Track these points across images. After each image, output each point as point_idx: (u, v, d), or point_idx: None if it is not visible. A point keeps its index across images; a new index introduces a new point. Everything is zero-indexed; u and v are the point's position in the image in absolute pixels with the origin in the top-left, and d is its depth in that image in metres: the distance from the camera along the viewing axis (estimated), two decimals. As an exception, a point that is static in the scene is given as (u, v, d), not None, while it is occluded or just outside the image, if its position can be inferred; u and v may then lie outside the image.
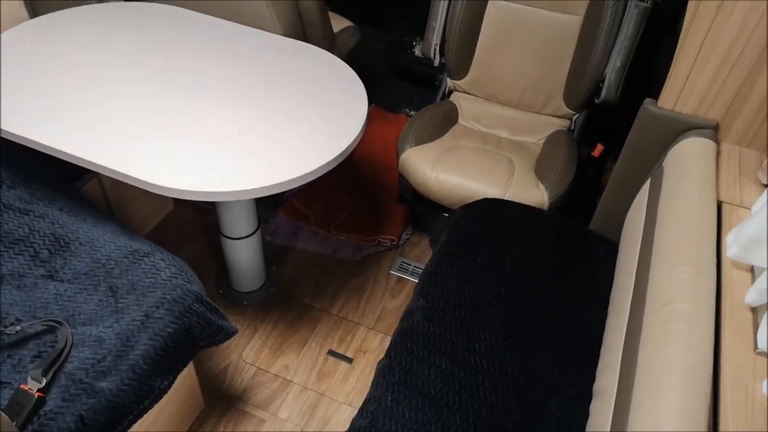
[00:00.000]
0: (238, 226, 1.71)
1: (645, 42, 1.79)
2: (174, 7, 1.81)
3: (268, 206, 2.13)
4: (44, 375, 1.08)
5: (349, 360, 1.79)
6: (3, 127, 1.35)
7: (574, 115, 1.96)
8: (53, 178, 1.52)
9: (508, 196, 1.70)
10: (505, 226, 1.56)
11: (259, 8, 1.73)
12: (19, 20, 1.78)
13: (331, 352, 1.80)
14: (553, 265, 1.46)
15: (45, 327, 1.17)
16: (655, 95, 1.39)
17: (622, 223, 1.44)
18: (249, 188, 1.28)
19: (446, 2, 1.91)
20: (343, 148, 1.40)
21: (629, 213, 1.39)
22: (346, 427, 1.61)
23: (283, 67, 1.62)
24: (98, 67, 1.55)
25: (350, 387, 1.73)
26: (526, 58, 1.91)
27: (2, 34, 1.63)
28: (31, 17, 1.81)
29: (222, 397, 1.67)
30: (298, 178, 1.32)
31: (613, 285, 1.33)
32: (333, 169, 1.39)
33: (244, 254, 1.80)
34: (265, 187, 1.29)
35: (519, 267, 1.44)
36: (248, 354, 1.78)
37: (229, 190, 1.27)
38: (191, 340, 1.28)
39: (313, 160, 1.35)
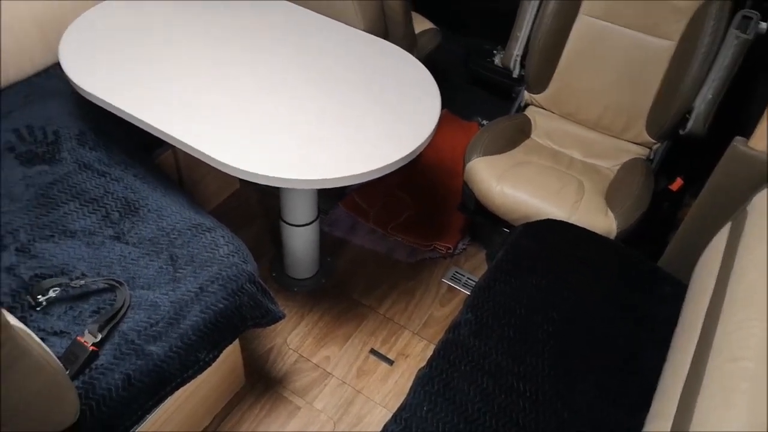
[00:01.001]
0: (299, 213, 1.73)
1: (739, 76, 1.69)
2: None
3: (330, 197, 2.15)
4: (100, 331, 1.12)
5: (390, 362, 1.78)
6: (91, 92, 1.42)
7: (655, 144, 1.87)
8: (132, 145, 1.59)
9: (573, 220, 1.64)
10: (566, 250, 1.51)
11: (344, 3, 1.75)
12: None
13: (373, 351, 1.80)
14: (613, 297, 1.40)
15: (106, 285, 1.22)
16: (746, 134, 1.30)
17: (694, 265, 1.37)
18: (313, 178, 1.30)
19: (533, 14, 1.87)
20: (410, 150, 1.39)
21: (703, 255, 1.31)
22: (378, 429, 1.61)
23: (362, 63, 1.62)
24: (184, 44, 1.61)
25: (388, 389, 1.72)
26: (610, 79, 1.84)
27: (102, 3, 1.72)
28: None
29: (262, 378, 1.70)
30: (362, 174, 1.33)
31: (676, 328, 1.26)
32: (397, 169, 1.39)
33: (301, 241, 1.82)
34: (328, 179, 1.30)
35: (576, 294, 1.38)
36: (292, 340, 1.81)
37: (293, 177, 1.29)
38: (240, 318, 1.31)
39: (379, 158, 1.35)
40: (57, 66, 1.49)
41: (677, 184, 1.85)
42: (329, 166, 1.32)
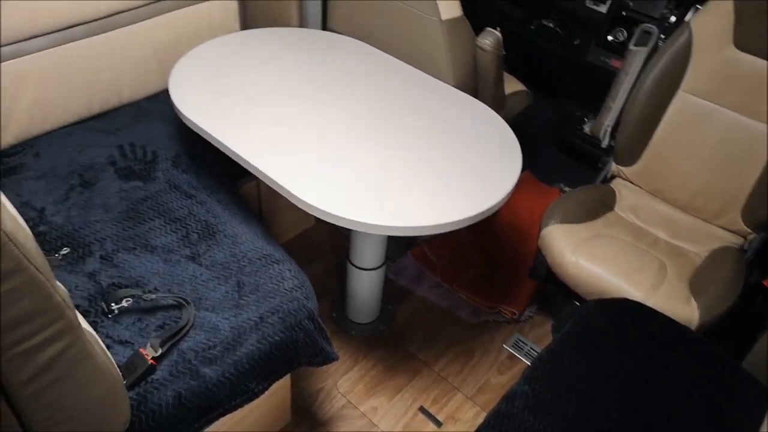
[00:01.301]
0: (367, 256, 1.74)
1: None
2: (359, 42, 1.94)
3: (399, 245, 2.16)
4: (161, 346, 1.16)
5: (439, 423, 1.72)
6: (191, 118, 1.51)
7: (751, 234, 1.75)
8: (220, 172, 1.68)
9: (651, 303, 1.54)
10: (640, 334, 1.41)
11: (437, 55, 1.79)
12: (230, 31, 2.01)
13: (422, 409, 1.75)
14: (686, 392, 1.29)
15: (175, 302, 1.27)
16: None
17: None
18: (384, 224, 1.31)
19: (630, 85, 1.83)
20: (485, 208, 1.37)
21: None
22: (417, 492, 1.55)
23: (447, 117, 1.64)
24: (282, 84, 1.69)
25: (432, 451, 1.66)
26: (706, 160, 1.75)
27: (214, 40, 1.85)
28: (241, 29, 2.04)
29: (308, 418, 1.69)
30: (434, 226, 1.32)
31: (757, 437, 1.14)
32: (471, 225, 1.37)
33: (366, 285, 1.83)
34: (399, 227, 1.31)
35: (646, 382, 1.29)
36: (343, 384, 1.79)
37: (365, 221, 1.30)
38: (294, 354, 1.31)
39: (452, 212, 1.35)
40: (166, 92, 1.61)
41: (772, 279, 1.71)
42: (402, 215, 1.33)
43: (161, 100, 1.90)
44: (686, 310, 1.54)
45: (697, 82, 1.72)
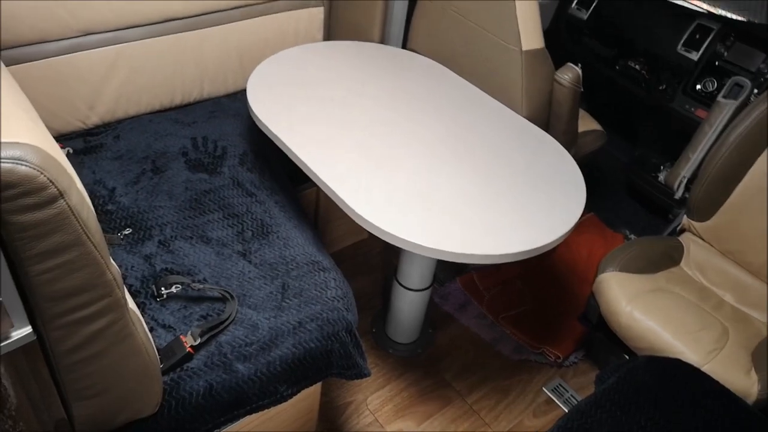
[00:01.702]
0: (414, 277, 1.73)
1: None
2: (437, 63, 1.94)
3: (449, 270, 2.13)
4: (201, 336, 1.19)
5: (464, 456, 1.68)
6: (262, 120, 1.56)
7: (829, 311, 1.62)
8: (282, 175, 1.72)
9: (706, 369, 1.45)
10: (689, 399, 1.33)
11: (513, 85, 1.77)
12: (314, 40, 2.07)
13: (449, 439, 1.71)
14: (734, 471, 1.20)
15: (220, 295, 1.30)
16: None
17: None
18: (434, 247, 1.29)
19: (713, 138, 1.74)
20: (540, 244, 1.34)
21: None
22: None
23: (514, 149, 1.61)
24: (355, 98, 1.72)
25: (453, 485, 1.61)
26: (788, 227, 1.64)
27: (297, 47, 1.91)
28: (324, 39, 2.09)
29: (333, 430, 1.68)
30: (484, 256, 1.30)
31: None
32: (525, 260, 1.34)
33: (409, 306, 1.81)
34: (448, 252, 1.29)
35: (690, 453, 1.21)
36: (373, 401, 1.77)
37: (416, 242, 1.29)
38: (327, 363, 1.31)
39: (506, 244, 1.32)
40: (244, 92, 1.66)
41: None
42: (453, 240, 1.31)
43: (239, 99, 1.97)
44: (745, 382, 1.44)
45: (787, 142, 1.62)
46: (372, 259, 2.22)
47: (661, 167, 2.38)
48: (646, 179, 2.39)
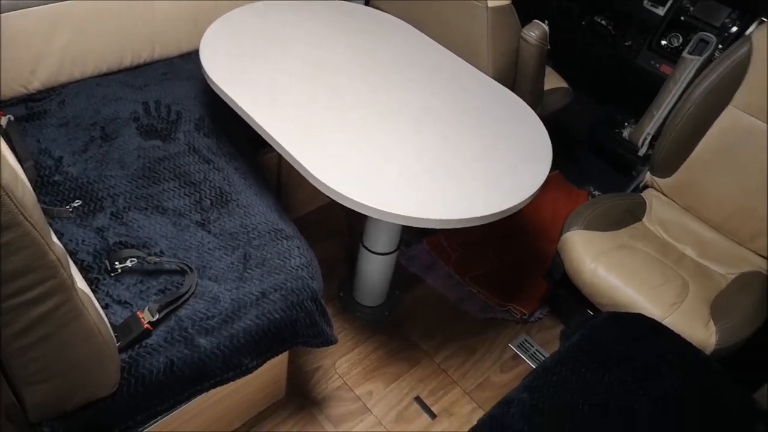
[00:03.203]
0: (380, 241, 1.71)
1: None
2: (401, 21, 1.87)
3: (415, 232, 2.12)
4: (159, 311, 1.15)
5: (433, 415, 1.70)
6: (217, 82, 1.49)
7: (784, 262, 1.66)
8: (242, 140, 1.65)
9: (667, 322, 1.48)
10: (651, 354, 1.36)
11: (479, 43, 1.72)
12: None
13: (417, 399, 1.73)
14: (693, 421, 1.24)
15: (179, 268, 1.26)
16: None
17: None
18: (402, 214, 1.27)
19: (677, 95, 1.73)
20: (506, 207, 1.32)
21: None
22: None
23: (479, 109, 1.58)
24: (312, 58, 1.64)
25: (423, 443, 1.64)
26: (747, 182, 1.66)
27: (254, 4, 1.81)
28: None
29: (302, 396, 1.68)
30: (451, 221, 1.28)
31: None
32: (491, 221, 1.33)
33: (376, 270, 1.80)
34: (419, 218, 1.27)
35: (651, 406, 1.24)
36: (341, 365, 1.77)
37: (380, 208, 1.26)
38: (292, 333, 1.30)
39: (473, 208, 1.30)
40: (197, 52, 1.58)
41: (800, 313, 1.62)
42: (421, 206, 1.28)
43: (193, 60, 1.88)
44: (703, 333, 1.48)
45: (750, 99, 1.62)
46: (336, 224, 2.19)
47: (626, 124, 2.38)
48: (611, 136, 2.39)
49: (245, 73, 1.54)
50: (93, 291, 1.17)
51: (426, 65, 1.71)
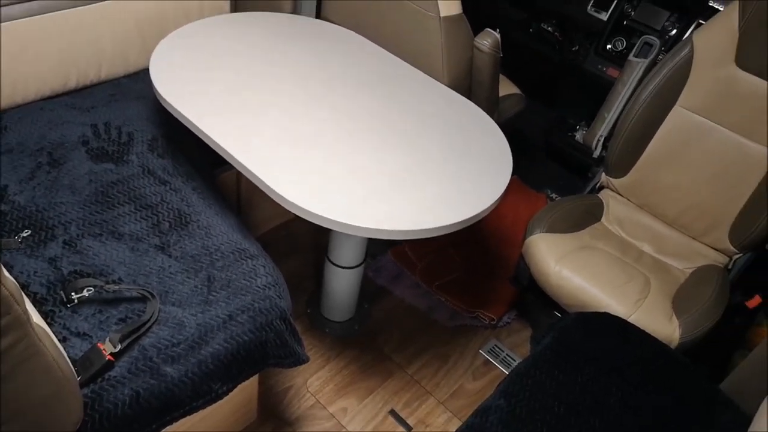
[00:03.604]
0: (346, 256, 1.69)
1: None
2: (353, 33, 1.87)
3: (380, 243, 2.11)
4: (121, 341, 1.10)
5: (409, 428, 1.68)
6: (170, 101, 1.44)
7: (736, 254, 1.72)
8: (198, 159, 1.61)
9: (632, 319, 1.52)
10: (620, 352, 1.38)
11: (433, 53, 1.73)
12: (220, 12, 1.94)
13: (393, 413, 1.71)
14: (663, 414, 1.26)
15: (139, 295, 1.21)
16: None
17: (763, 394, 1.21)
18: (366, 227, 1.25)
19: (626, 97, 1.79)
20: (471, 215, 1.33)
21: (776, 391, 1.16)
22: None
23: (438, 117, 1.59)
24: (267, 73, 1.62)
25: (400, 457, 1.62)
26: (697, 178, 1.72)
27: (202, 20, 1.78)
28: (232, 11, 1.96)
29: (275, 417, 1.64)
30: (417, 231, 1.27)
31: (731, 468, 1.11)
32: (454, 229, 1.33)
33: (343, 284, 1.77)
34: (381, 230, 1.25)
35: (622, 404, 1.26)
36: (313, 383, 1.74)
37: (345, 222, 1.25)
38: (262, 355, 1.26)
39: (438, 218, 1.30)
40: (146, 71, 1.53)
41: (755, 301, 1.69)
42: (384, 218, 1.27)
43: (141, 79, 1.82)
44: (667, 328, 1.52)
45: (695, 98, 1.68)
46: (301, 239, 2.15)
47: (577, 127, 2.44)
48: (565, 140, 2.45)
49: (198, 89, 1.50)
50: (49, 324, 1.11)
51: (382, 76, 1.71)
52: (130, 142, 1.55)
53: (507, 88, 2.17)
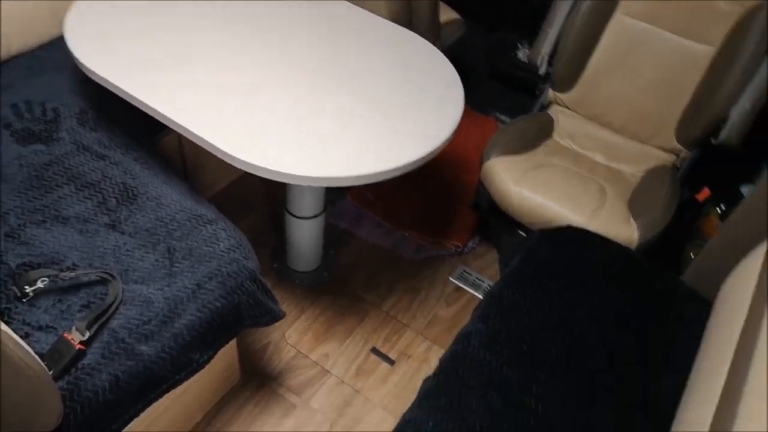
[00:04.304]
0: (305, 206, 1.66)
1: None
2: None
3: (337, 187, 2.08)
4: (88, 328, 1.06)
5: (391, 361, 1.72)
6: (94, 69, 1.34)
7: (683, 151, 1.78)
8: (134, 127, 1.52)
9: (593, 227, 1.56)
10: (585, 261, 1.43)
11: (367, -15, 1.66)
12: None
13: (374, 350, 1.74)
14: (633, 315, 1.32)
15: (98, 278, 1.16)
16: None
17: (721, 282, 1.29)
18: (325, 176, 1.22)
19: (566, 10, 1.76)
20: (430, 150, 1.31)
21: (734, 274, 1.23)
22: (377, 431, 1.56)
23: (382, 53, 1.53)
24: (196, 26, 1.52)
25: (387, 390, 1.66)
26: (642, 83, 1.74)
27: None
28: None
29: (258, 374, 1.64)
30: (375, 174, 1.25)
31: (698, 353, 1.19)
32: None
33: (306, 234, 1.75)
34: (339, 177, 1.22)
35: (594, 310, 1.31)
36: (291, 335, 1.74)
37: (304, 174, 1.21)
38: (237, 318, 1.24)
39: (395, 157, 1.27)
40: (62, 39, 1.41)
41: (704, 194, 1.77)
42: (342, 164, 1.24)
43: (57, 47, 1.67)
44: (627, 231, 1.57)
45: (634, 4, 1.68)
46: (255, 194, 2.10)
47: (519, 46, 2.42)
48: (507, 60, 2.42)
49: (120, 52, 1.39)
50: (7, 323, 1.06)
51: (319, 15, 1.62)
52: (57, 119, 1.45)
53: (446, 14, 2.11)
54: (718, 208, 1.82)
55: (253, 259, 1.30)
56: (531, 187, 1.63)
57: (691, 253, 1.81)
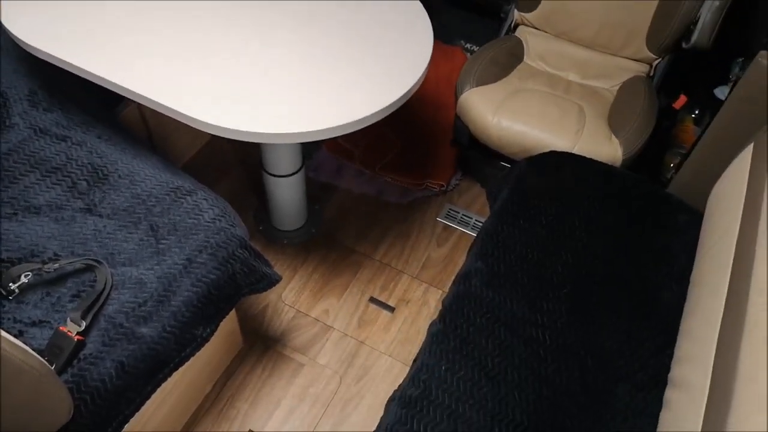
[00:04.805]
0: (283, 164, 1.61)
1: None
2: None
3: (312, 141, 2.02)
4: (83, 317, 1.02)
5: (391, 309, 1.73)
6: (35, 45, 1.24)
7: (656, 59, 1.76)
8: (91, 102, 1.43)
9: (577, 149, 1.55)
10: (573, 185, 1.42)
11: None
12: None
13: (372, 300, 1.74)
14: (626, 231, 1.33)
15: (84, 265, 1.11)
16: (752, 48, 1.20)
17: (709, 190, 1.29)
18: (297, 131, 1.17)
19: None
20: (402, 93, 1.26)
21: (722, 180, 1.23)
22: (386, 378, 1.58)
23: (341, -9, 1.45)
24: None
25: (391, 337, 1.67)
26: (608, -7, 1.70)
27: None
28: None
29: (261, 338, 1.64)
30: (349, 124, 1.20)
31: (695, 262, 1.20)
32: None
33: (287, 192, 1.71)
34: (314, 131, 1.18)
35: (588, 232, 1.31)
36: (288, 296, 1.73)
37: (275, 132, 1.16)
38: (234, 287, 1.22)
39: (367, 104, 1.22)
40: (-6, 16, 1.30)
41: (681, 101, 1.76)
42: (312, 118, 1.19)
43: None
44: (610, 149, 1.56)
45: None
46: (229, 156, 2.03)
47: (477, -33, 2.32)
48: (467, -17, 2.33)
49: (63, 26, 1.29)
50: (-4, 325, 1.01)
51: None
52: (6, 104, 1.35)
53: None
54: (692, 114, 1.82)
55: (240, 225, 1.26)
56: (509, 116, 1.60)
57: (671, 163, 1.82)
